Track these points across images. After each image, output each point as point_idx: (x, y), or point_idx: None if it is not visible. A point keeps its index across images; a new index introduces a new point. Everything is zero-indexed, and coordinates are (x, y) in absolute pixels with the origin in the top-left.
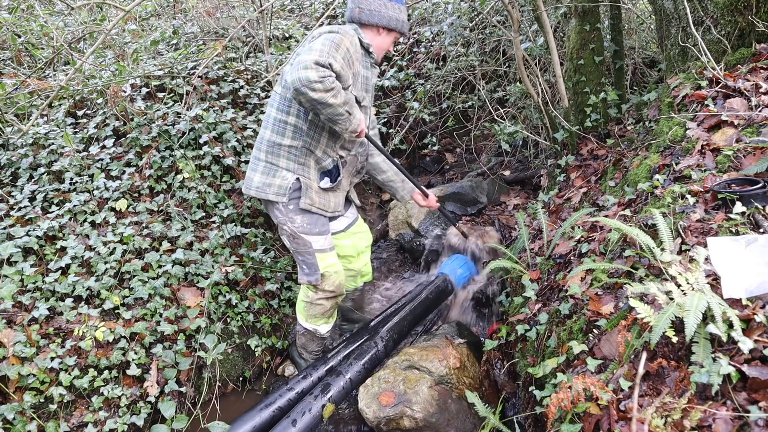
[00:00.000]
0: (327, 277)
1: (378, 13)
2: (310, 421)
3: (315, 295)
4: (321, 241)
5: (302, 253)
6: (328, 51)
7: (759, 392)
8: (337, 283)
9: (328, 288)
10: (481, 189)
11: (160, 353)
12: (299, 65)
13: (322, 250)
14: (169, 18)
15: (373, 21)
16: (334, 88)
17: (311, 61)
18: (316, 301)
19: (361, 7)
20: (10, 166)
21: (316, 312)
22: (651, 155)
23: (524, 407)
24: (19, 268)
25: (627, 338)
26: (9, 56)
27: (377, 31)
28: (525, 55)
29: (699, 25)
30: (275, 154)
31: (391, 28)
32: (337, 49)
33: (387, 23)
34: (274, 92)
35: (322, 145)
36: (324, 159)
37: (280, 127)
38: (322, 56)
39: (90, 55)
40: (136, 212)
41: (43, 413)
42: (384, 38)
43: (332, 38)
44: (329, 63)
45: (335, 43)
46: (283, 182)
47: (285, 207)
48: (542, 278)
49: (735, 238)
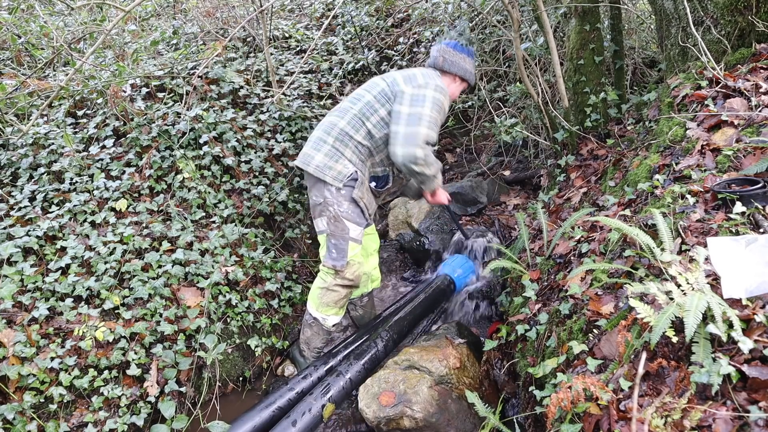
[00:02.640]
0: (351, 265)
1: (457, 65)
2: (310, 421)
3: (333, 280)
4: (357, 231)
5: (337, 237)
6: (435, 121)
7: (759, 392)
8: (358, 273)
9: (348, 276)
10: (481, 189)
11: (160, 353)
12: (411, 141)
13: (355, 239)
14: (169, 18)
15: (453, 70)
16: (433, 163)
17: (422, 139)
18: (332, 287)
19: (445, 57)
20: (10, 166)
21: (330, 299)
22: (651, 155)
23: (524, 407)
24: (19, 268)
25: (627, 338)
26: (9, 56)
27: (454, 79)
28: (525, 55)
29: (699, 25)
30: (344, 143)
31: (465, 78)
32: (440, 112)
33: (463, 74)
34: (364, 91)
35: (383, 154)
36: (379, 165)
37: (357, 124)
38: (430, 131)
39: (90, 55)
40: (136, 212)
41: (43, 413)
42: (458, 86)
43: (439, 101)
44: (434, 139)
45: (440, 107)
46: (344, 170)
47: (338, 191)
48: (542, 278)
49: (735, 238)
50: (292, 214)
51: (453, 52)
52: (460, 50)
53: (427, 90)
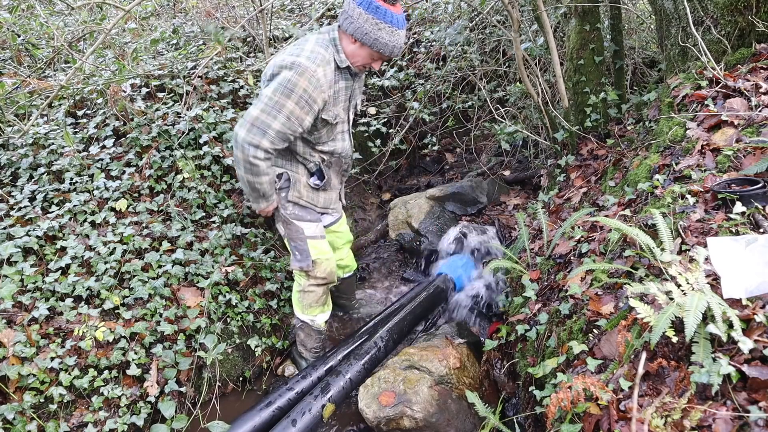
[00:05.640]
0: (318, 264)
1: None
2: (310, 421)
3: (307, 281)
4: (312, 228)
5: (295, 240)
6: (277, 106)
7: (759, 392)
8: (329, 270)
9: (319, 275)
10: (481, 189)
11: (160, 353)
12: (241, 122)
13: (314, 237)
14: (169, 18)
15: (348, 30)
16: (256, 163)
17: (249, 121)
18: (307, 288)
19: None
20: (10, 166)
21: (310, 300)
22: (651, 155)
23: (524, 407)
24: (19, 268)
25: (627, 338)
26: (9, 56)
27: (351, 40)
28: (525, 55)
29: (699, 25)
30: None
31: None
32: (288, 95)
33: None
34: None
35: (300, 148)
36: (308, 161)
37: None
38: (267, 115)
39: (90, 54)
40: (136, 212)
41: (43, 413)
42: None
43: (289, 82)
44: (274, 129)
45: (288, 90)
46: (275, 173)
47: (279, 194)
48: (542, 278)
49: (735, 238)
50: None
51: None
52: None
53: (283, 70)
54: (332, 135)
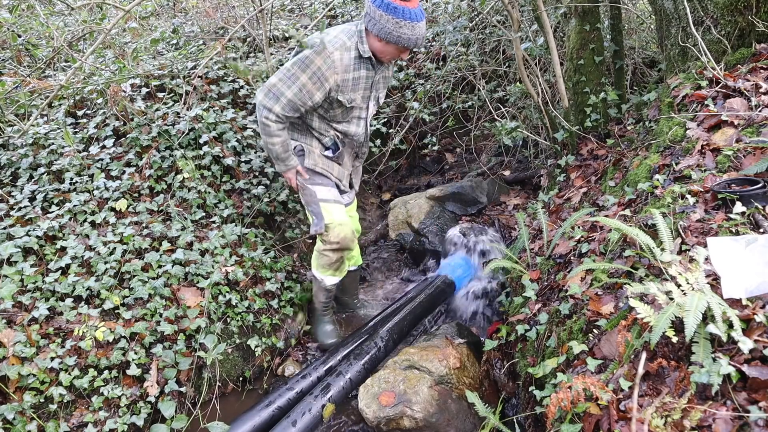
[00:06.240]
0: (331, 229)
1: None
2: (310, 421)
3: (322, 245)
4: (325, 191)
5: (309, 203)
6: (293, 77)
7: (759, 392)
8: (342, 235)
9: (333, 239)
10: (481, 189)
11: (160, 353)
12: (262, 87)
13: (326, 200)
14: (169, 18)
15: (372, 30)
16: (273, 130)
17: (267, 86)
18: (323, 251)
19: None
20: (10, 166)
21: (324, 262)
22: (651, 155)
23: (524, 407)
24: (19, 268)
25: (627, 338)
26: (9, 56)
27: (377, 38)
28: (525, 55)
29: (699, 25)
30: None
31: (385, 39)
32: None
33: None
34: None
35: (316, 123)
36: (323, 137)
37: None
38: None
39: (90, 54)
40: (136, 212)
41: (43, 413)
42: (382, 44)
43: (307, 59)
44: (286, 96)
45: (305, 65)
46: (292, 145)
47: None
48: (542, 278)
49: (735, 238)
50: (292, 214)
51: (375, 10)
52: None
53: (305, 48)
54: (347, 117)
